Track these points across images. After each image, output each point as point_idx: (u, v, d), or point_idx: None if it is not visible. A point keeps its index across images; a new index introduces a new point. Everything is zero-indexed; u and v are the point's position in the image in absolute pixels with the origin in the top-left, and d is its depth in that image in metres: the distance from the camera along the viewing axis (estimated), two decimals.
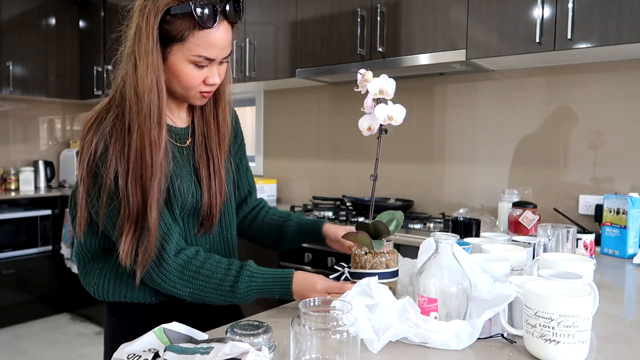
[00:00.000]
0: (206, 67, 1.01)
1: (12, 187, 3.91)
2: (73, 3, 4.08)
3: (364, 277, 0.93)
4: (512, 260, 1.06)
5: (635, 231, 1.68)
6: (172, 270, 0.99)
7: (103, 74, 3.92)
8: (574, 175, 2.22)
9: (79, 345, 3.33)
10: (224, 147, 1.13)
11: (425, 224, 2.31)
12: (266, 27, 2.85)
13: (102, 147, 0.97)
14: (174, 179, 1.04)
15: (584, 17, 1.81)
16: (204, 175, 1.09)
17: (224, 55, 1.02)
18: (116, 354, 0.72)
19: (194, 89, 1.02)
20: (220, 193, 1.11)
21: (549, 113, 2.28)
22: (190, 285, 1.00)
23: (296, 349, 0.70)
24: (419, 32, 2.24)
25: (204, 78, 1.01)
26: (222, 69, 1.05)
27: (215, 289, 1.00)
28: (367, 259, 1.00)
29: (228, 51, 1.02)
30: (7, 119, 4.09)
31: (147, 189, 0.96)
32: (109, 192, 0.97)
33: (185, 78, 1.00)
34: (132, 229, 0.97)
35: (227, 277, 1.00)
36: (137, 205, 0.96)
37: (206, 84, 1.02)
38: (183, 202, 1.06)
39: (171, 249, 1.00)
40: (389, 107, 1.01)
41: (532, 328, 0.80)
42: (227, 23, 0.99)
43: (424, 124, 2.68)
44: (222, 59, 1.02)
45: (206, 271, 1.00)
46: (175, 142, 1.09)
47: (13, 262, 3.60)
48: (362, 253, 1.01)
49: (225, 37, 0.99)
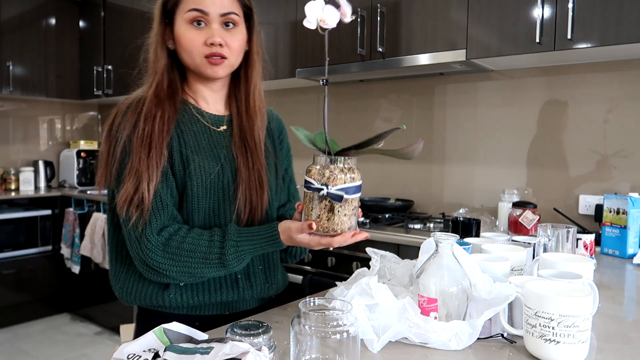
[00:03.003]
0: (205, 27, 1.02)
1: (12, 187, 3.91)
2: (73, 3, 4.08)
3: (346, 192, 0.87)
4: (512, 260, 1.06)
5: (635, 231, 1.68)
6: (154, 248, 0.97)
7: (103, 74, 3.92)
8: (574, 175, 2.22)
9: (79, 345, 3.33)
10: (258, 137, 1.11)
11: (425, 224, 2.31)
12: (266, 27, 2.85)
13: (122, 111, 1.04)
14: (192, 157, 1.05)
15: (584, 17, 1.81)
16: (242, 166, 1.08)
17: (220, 10, 1.02)
18: (116, 354, 0.72)
19: (198, 54, 1.03)
20: (262, 187, 1.09)
21: (549, 113, 2.28)
22: (176, 263, 0.98)
23: (296, 349, 0.70)
24: (419, 32, 2.24)
25: (204, 39, 1.02)
26: (230, 36, 1.04)
27: (203, 262, 0.98)
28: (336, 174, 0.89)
29: (225, 9, 1.03)
30: (7, 119, 4.09)
31: (154, 147, 0.99)
32: (122, 149, 1.01)
33: (186, 41, 1.03)
34: (132, 182, 0.98)
35: (211, 249, 0.98)
36: (140, 163, 0.98)
37: (207, 45, 1.02)
38: (203, 181, 1.04)
39: (155, 227, 0.98)
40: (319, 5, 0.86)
41: (532, 328, 0.80)
42: None
43: (424, 124, 2.68)
44: (220, 17, 1.03)
45: (188, 245, 0.98)
46: (206, 123, 1.11)
47: (13, 262, 3.60)
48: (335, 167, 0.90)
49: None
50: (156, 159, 0.99)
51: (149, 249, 0.97)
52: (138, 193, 0.97)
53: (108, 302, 3.56)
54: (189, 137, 1.06)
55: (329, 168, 0.88)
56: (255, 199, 1.07)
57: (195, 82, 1.12)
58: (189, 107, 1.10)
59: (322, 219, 0.89)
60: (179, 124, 1.06)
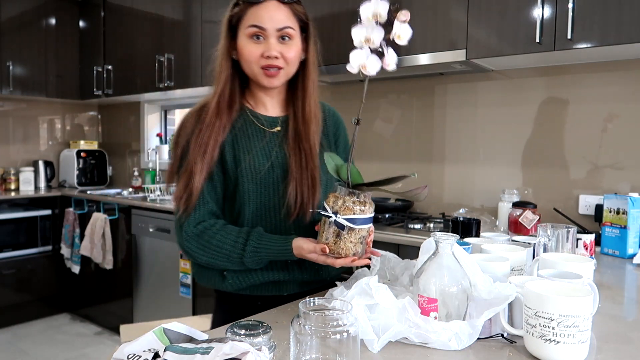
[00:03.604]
0: (263, 40, 1.13)
1: (12, 187, 3.91)
2: (73, 3, 4.08)
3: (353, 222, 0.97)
4: (512, 260, 1.06)
5: (635, 231, 1.68)
6: (190, 238, 1.14)
7: (103, 74, 3.92)
8: (574, 176, 2.22)
9: (79, 345, 3.33)
10: (313, 141, 1.19)
11: (425, 224, 2.31)
12: None
13: (189, 118, 1.19)
14: (244, 157, 1.16)
15: (584, 17, 1.81)
16: (294, 165, 1.17)
17: (276, 26, 1.12)
18: (116, 354, 0.72)
19: (255, 64, 1.14)
20: (314, 186, 1.17)
21: (548, 113, 2.28)
22: (204, 254, 1.13)
23: (296, 349, 0.70)
24: (419, 32, 2.24)
25: (262, 52, 1.13)
26: (286, 48, 1.14)
27: (227, 259, 1.12)
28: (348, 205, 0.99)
29: (281, 24, 1.13)
30: (7, 119, 4.09)
31: (207, 152, 1.12)
32: (182, 152, 1.16)
33: (246, 53, 1.14)
34: (184, 180, 1.13)
35: (235, 249, 1.11)
36: (194, 166, 1.12)
37: (264, 57, 1.13)
38: (253, 177, 1.16)
39: (193, 220, 1.14)
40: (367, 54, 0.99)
41: (532, 328, 0.80)
42: (278, 1, 1.13)
43: (424, 124, 2.68)
44: (278, 31, 1.13)
45: (217, 242, 1.12)
46: (261, 125, 1.21)
47: (13, 262, 3.60)
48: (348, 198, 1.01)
49: (274, 11, 1.12)
50: (207, 162, 1.13)
51: (185, 238, 1.14)
52: (187, 190, 1.12)
53: (108, 302, 3.57)
54: (242, 139, 1.19)
55: (343, 199, 0.98)
56: (306, 196, 1.16)
57: (255, 89, 1.23)
58: (245, 112, 1.22)
59: (330, 242, 1.00)
60: (234, 128, 1.19)
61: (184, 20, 3.32)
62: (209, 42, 3.16)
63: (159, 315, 3.12)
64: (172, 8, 3.39)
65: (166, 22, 3.43)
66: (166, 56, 3.40)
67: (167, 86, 3.41)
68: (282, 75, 1.16)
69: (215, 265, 1.15)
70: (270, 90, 1.22)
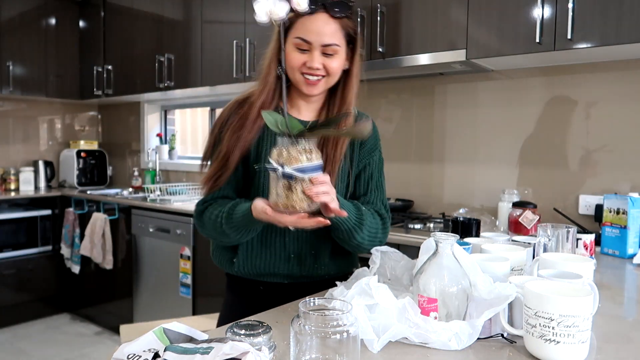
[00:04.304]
0: (307, 52, 1.15)
1: (12, 187, 3.91)
2: (73, 3, 4.08)
3: (302, 171, 0.93)
4: (512, 260, 1.06)
5: (635, 231, 1.68)
6: (196, 214, 1.24)
7: (103, 74, 3.92)
8: (574, 176, 2.22)
9: (79, 345, 3.33)
10: (341, 151, 1.19)
11: (425, 224, 2.31)
12: (266, 27, 2.85)
13: (229, 108, 1.24)
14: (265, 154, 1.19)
15: (584, 17, 1.81)
16: None
17: (322, 41, 1.14)
18: (116, 354, 0.72)
19: (297, 70, 1.17)
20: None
21: (548, 113, 2.28)
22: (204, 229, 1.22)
23: (296, 349, 0.70)
24: (419, 32, 2.24)
25: (305, 61, 1.15)
26: (329, 60, 1.16)
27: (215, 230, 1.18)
28: (293, 155, 0.95)
29: (327, 39, 1.14)
30: (7, 119, 4.09)
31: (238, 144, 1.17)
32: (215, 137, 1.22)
33: (290, 60, 1.17)
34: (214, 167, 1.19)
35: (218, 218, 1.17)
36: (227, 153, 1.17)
37: (306, 67, 1.15)
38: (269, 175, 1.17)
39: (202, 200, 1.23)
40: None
41: (532, 328, 0.80)
42: (328, 15, 1.14)
43: (424, 124, 2.68)
44: (322, 46, 1.14)
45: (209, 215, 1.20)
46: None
47: (13, 262, 3.60)
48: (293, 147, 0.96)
49: (323, 26, 1.14)
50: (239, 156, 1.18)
51: (194, 215, 1.25)
52: (214, 177, 1.19)
53: (108, 302, 3.57)
54: (267, 138, 1.22)
55: (286, 150, 0.95)
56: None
57: (294, 92, 1.25)
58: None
59: (281, 197, 0.96)
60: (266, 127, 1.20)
61: (184, 20, 3.32)
62: (209, 42, 3.16)
63: (159, 315, 3.12)
64: (172, 8, 3.39)
65: (166, 22, 3.43)
66: (166, 56, 3.40)
67: (167, 86, 3.41)
68: (322, 84, 1.18)
69: (217, 240, 1.22)
70: (308, 97, 1.24)
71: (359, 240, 1.18)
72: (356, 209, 1.17)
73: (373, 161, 1.30)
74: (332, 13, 1.14)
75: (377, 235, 1.23)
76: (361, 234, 1.17)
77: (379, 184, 1.31)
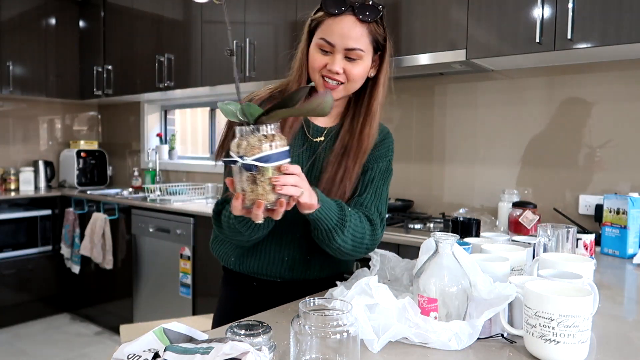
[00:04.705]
0: (330, 54, 1.12)
1: (12, 187, 3.91)
2: (73, 3, 4.08)
3: (265, 160, 0.85)
4: (512, 260, 1.06)
5: (635, 231, 1.68)
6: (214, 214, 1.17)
7: (103, 74, 3.92)
8: (574, 176, 2.22)
9: (79, 345, 3.33)
10: (360, 160, 1.17)
11: (425, 224, 2.31)
12: (266, 27, 2.85)
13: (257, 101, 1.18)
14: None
15: (584, 17, 1.81)
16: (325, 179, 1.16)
17: (346, 44, 1.10)
18: (116, 354, 0.72)
19: (317, 72, 1.13)
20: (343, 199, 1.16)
21: (548, 113, 2.28)
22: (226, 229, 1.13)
23: (296, 349, 0.70)
24: (419, 32, 2.24)
25: (326, 63, 1.12)
26: (351, 65, 1.12)
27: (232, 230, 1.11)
28: (253, 144, 0.86)
29: (352, 43, 1.10)
30: (7, 119, 4.09)
31: None
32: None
33: (311, 59, 1.14)
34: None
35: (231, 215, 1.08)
36: None
37: (326, 69, 1.12)
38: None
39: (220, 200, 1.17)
40: None
41: (532, 328, 0.80)
42: (356, 19, 1.10)
43: (424, 124, 2.68)
44: (345, 50, 1.10)
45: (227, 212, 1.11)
46: (307, 132, 1.22)
47: (13, 262, 3.60)
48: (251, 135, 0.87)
49: (347, 28, 1.09)
50: None
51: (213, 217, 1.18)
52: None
53: (108, 302, 3.57)
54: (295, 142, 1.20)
55: (245, 140, 0.86)
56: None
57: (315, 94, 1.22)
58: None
59: (247, 192, 0.88)
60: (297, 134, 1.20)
61: (184, 20, 3.32)
62: (209, 42, 3.16)
63: (159, 315, 3.12)
64: (172, 8, 3.39)
65: (166, 22, 3.43)
66: (166, 56, 3.40)
67: (167, 86, 3.41)
68: (340, 90, 1.14)
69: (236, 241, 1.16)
70: None
71: (340, 242, 1.09)
72: (339, 208, 1.09)
73: (377, 167, 1.23)
74: (360, 16, 1.10)
75: (364, 242, 1.13)
76: (342, 236, 1.08)
77: (378, 191, 1.22)
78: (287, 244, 1.22)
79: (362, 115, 1.18)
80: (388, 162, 1.26)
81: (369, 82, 1.19)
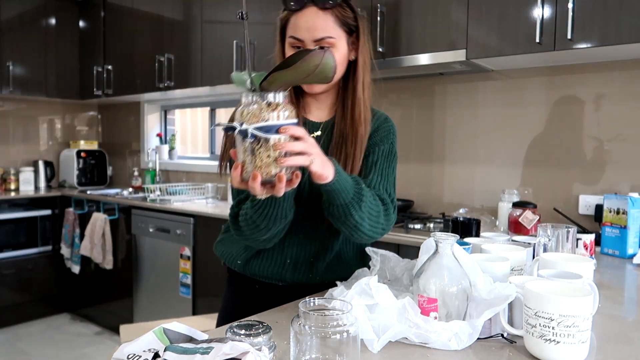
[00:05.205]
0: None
1: (12, 187, 3.91)
2: (73, 3, 4.08)
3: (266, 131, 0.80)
4: (512, 260, 1.06)
5: (635, 231, 1.68)
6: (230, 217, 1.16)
7: (103, 74, 3.92)
8: (574, 176, 2.22)
9: (79, 345, 3.33)
10: (360, 146, 1.15)
11: (425, 224, 2.31)
12: (266, 27, 2.85)
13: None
14: None
15: (584, 17, 1.81)
16: None
17: (314, 36, 1.09)
18: (116, 354, 0.72)
19: None
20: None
21: (548, 113, 2.28)
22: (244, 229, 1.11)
23: (296, 349, 0.70)
24: (419, 32, 2.24)
25: None
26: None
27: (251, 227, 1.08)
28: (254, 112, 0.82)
29: (319, 33, 1.09)
30: (7, 119, 4.09)
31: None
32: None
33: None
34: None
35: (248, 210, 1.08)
36: None
37: None
38: None
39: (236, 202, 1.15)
40: None
41: (532, 328, 0.80)
42: (317, 8, 1.09)
43: (424, 124, 2.68)
44: (314, 41, 1.09)
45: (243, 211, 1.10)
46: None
47: (13, 262, 3.60)
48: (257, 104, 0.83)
49: (311, 20, 1.09)
50: None
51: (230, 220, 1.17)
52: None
53: (108, 302, 3.57)
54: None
55: (248, 106, 0.82)
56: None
57: (304, 92, 1.21)
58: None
59: (246, 163, 0.83)
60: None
61: (184, 20, 3.32)
62: (209, 42, 3.16)
63: (159, 315, 3.12)
64: (172, 8, 3.39)
65: (166, 22, 3.43)
66: (166, 56, 3.40)
67: (167, 86, 3.41)
68: None
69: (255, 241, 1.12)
70: (317, 94, 1.20)
71: (357, 219, 1.03)
72: (355, 182, 1.04)
73: (379, 149, 1.20)
74: (320, 5, 1.09)
75: (379, 221, 1.09)
76: (360, 212, 1.03)
77: (384, 172, 1.19)
78: (290, 245, 1.21)
79: (350, 100, 1.17)
80: (390, 145, 1.22)
81: (351, 65, 1.17)
